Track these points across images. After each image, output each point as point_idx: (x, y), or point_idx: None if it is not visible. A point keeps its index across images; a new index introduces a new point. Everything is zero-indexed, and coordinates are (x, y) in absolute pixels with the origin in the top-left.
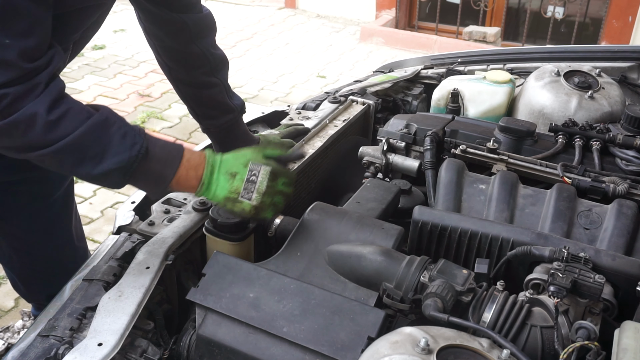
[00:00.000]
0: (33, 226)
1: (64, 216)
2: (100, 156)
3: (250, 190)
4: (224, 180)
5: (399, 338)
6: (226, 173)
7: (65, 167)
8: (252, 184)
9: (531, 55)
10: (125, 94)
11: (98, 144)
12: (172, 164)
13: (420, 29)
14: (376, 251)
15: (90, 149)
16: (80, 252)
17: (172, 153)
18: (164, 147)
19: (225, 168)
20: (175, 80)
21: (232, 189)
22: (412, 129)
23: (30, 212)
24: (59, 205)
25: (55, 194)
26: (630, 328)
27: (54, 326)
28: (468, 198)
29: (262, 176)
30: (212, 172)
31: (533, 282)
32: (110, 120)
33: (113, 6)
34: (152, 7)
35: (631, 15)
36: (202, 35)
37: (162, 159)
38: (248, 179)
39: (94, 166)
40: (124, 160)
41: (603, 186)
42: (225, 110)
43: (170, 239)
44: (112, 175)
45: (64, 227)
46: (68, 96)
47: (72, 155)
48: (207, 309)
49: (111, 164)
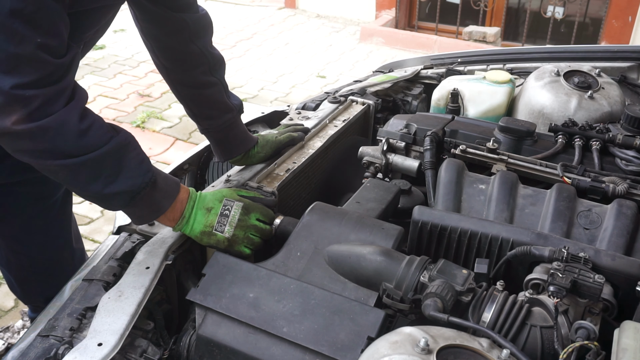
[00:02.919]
0: (32, 228)
1: (62, 218)
2: (115, 176)
3: (223, 223)
4: (201, 215)
5: (399, 338)
6: (203, 208)
7: (77, 182)
8: (225, 218)
9: (531, 55)
10: (125, 94)
11: (117, 164)
12: (171, 196)
13: (420, 29)
14: (376, 251)
15: (109, 167)
16: (77, 254)
17: (171, 185)
18: (166, 179)
19: (202, 203)
20: (173, 82)
21: (207, 223)
22: (412, 129)
23: (29, 214)
24: (58, 207)
25: (54, 196)
26: (630, 328)
27: (54, 326)
28: (468, 198)
29: (234, 210)
30: (192, 207)
31: (533, 282)
32: (132, 145)
33: None
34: (151, 5)
35: (631, 15)
36: (200, 34)
37: (164, 190)
38: (222, 213)
39: (106, 185)
40: (136, 185)
41: (603, 186)
42: (224, 109)
43: (170, 239)
44: (120, 197)
45: (63, 229)
46: (88, 108)
47: (90, 171)
48: (207, 309)
49: (123, 186)
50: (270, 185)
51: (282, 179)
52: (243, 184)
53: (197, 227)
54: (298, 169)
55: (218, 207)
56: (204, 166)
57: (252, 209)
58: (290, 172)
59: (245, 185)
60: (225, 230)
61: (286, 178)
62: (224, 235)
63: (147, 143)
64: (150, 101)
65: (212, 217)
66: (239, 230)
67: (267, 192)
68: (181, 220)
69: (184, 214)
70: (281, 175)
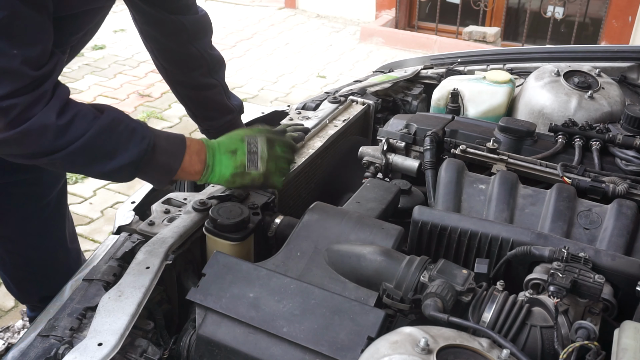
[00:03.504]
0: (26, 228)
1: (57, 218)
2: (112, 154)
3: (254, 160)
4: (227, 159)
5: (399, 338)
6: (227, 152)
7: (77, 167)
8: (255, 155)
9: (531, 55)
10: (125, 94)
11: (108, 143)
12: (178, 154)
13: (420, 29)
14: (376, 251)
15: (101, 148)
16: (73, 254)
17: (176, 143)
18: (168, 138)
19: (224, 148)
20: (173, 83)
21: (237, 164)
22: (412, 129)
23: (23, 214)
24: (52, 207)
25: (48, 196)
26: (630, 328)
27: (54, 326)
28: (468, 198)
29: (261, 145)
30: (214, 155)
31: (533, 282)
32: (117, 119)
33: (113, 6)
34: (149, 8)
35: (631, 15)
36: (199, 36)
37: (169, 150)
38: (249, 150)
39: (106, 164)
40: (134, 155)
41: (603, 186)
42: (224, 111)
43: (170, 239)
44: (124, 170)
45: (58, 229)
46: (73, 100)
47: (83, 157)
48: (207, 308)
49: (123, 160)
50: None
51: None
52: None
53: (227, 171)
54: (298, 168)
55: (243, 147)
56: None
57: (275, 140)
58: (290, 172)
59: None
60: (259, 166)
61: (286, 178)
62: (259, 171)
63: None
64: (150, 101)
65: (240, 157)
66: (270, 162)
67: (267, 192)
68: (206, 171)
69: (207, 163)
70: None
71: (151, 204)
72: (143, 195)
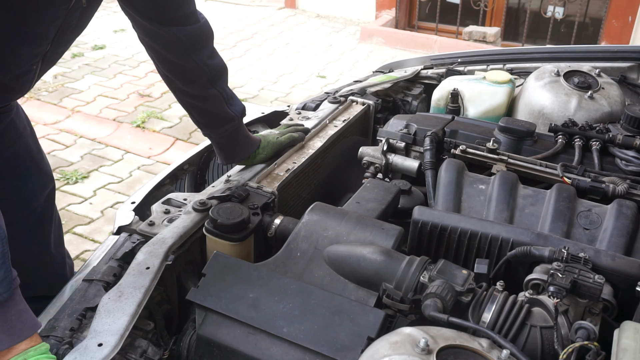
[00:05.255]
0: (11, 233)
1: (43, 224)
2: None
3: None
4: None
5: (399, 338)
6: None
7: None
8: None
9: (531, 55)
10: (125, 94)
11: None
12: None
13: (420, 29)
14: (376, 251)
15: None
16: (58, 258)
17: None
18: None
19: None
20: (174, 90)
21: None
22: (412, 129)
23: (8, 220)
24: (38, 214)
25: (34, 202)
26: (629, 328)
27: (54, 326)
28: (468, 198)
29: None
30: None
31: (533, 283)
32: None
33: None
34: (144, 21)
35: (631, 15)
36: (197, 47)
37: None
38: None
39: None
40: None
41: (603, 186)
42: (225, 119)
43: (170, 239)
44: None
45: (43, 235)
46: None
47: None
48: (207, 309)
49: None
50: (270, 186)
51: (282, 179)
52: (243, 184)
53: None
54: (298, 169)
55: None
56: (204, 166)
57: None
58: (290, 172)
59: (245, 185)
60: None
61: (286, 178)
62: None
63: (147, 143)
64: (150, 101)
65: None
66: None
67: (267, 192)
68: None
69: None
70: (281, 176)
71: (151, 204)
72: (143, 195)
